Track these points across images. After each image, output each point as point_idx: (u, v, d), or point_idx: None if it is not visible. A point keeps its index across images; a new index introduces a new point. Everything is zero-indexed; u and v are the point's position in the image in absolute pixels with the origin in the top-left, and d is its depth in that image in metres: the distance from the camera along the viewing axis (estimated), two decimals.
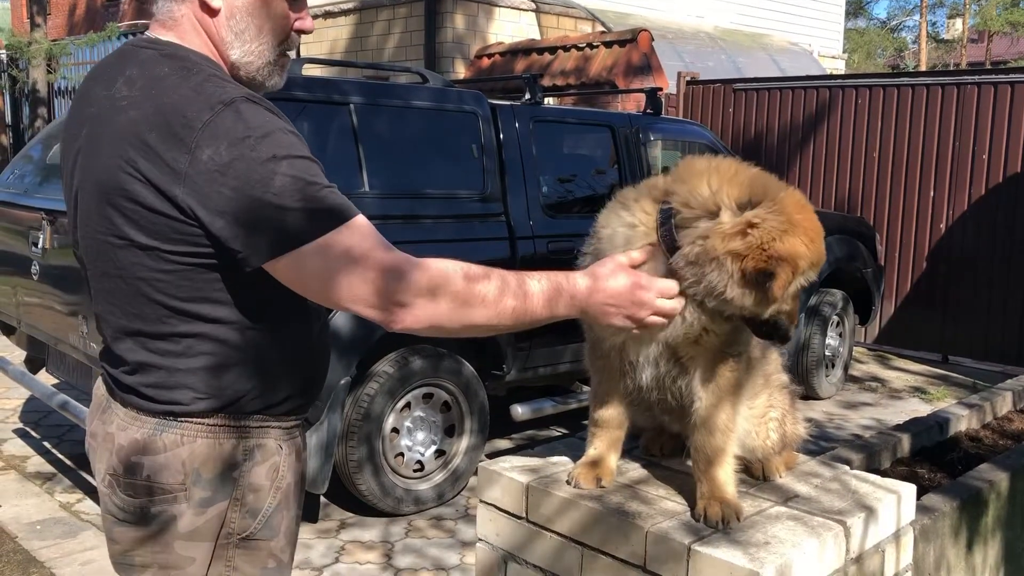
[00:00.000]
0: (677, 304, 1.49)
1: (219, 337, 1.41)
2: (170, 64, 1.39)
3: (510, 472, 1.84)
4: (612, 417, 1.75)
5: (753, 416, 1.78)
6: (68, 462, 4.73)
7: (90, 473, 4.56)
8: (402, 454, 4.13)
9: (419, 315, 1.34)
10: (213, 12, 1.43)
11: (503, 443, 5.15)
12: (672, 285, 1.48)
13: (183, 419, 1.42)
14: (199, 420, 1.43)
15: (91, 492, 4.35)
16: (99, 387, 1.59)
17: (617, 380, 1.71)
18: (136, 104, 1.35)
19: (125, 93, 1.37)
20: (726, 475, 1.67)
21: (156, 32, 1.47)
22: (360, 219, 1.34)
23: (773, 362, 1.89)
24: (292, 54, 1.54)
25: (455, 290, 1.34)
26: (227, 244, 1.31)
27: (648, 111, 5.52)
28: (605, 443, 1.77)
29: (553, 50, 9.81)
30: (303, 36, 1.55)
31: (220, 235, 1.30)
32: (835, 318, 6.38)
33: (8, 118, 15.30)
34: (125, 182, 1.34)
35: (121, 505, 1.46)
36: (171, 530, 1.43)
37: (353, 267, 1.29)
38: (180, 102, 1.32)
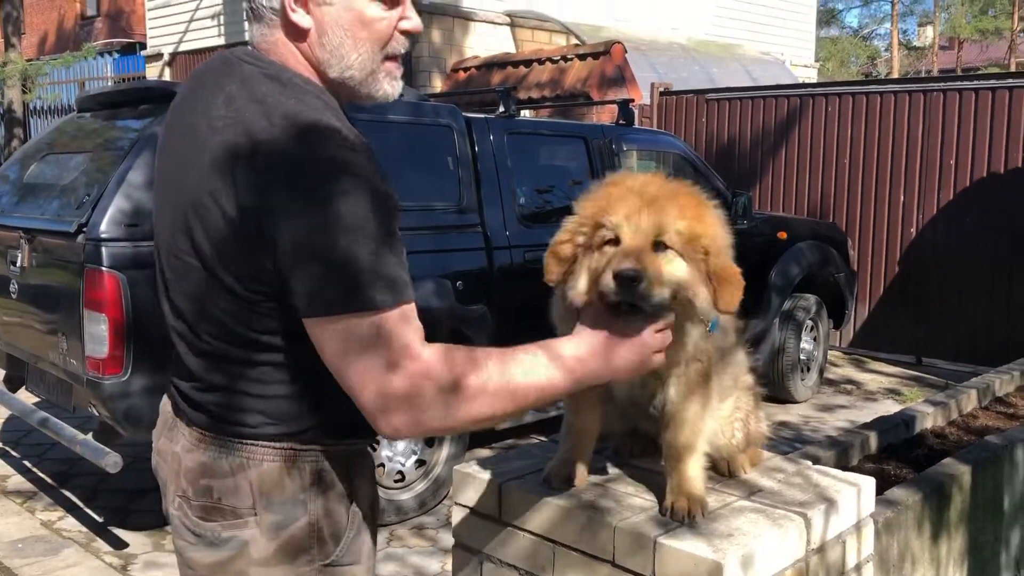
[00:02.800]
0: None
1: (296, 367, 1.37)
2: (270, 86, 1.34)
3: (484, 474, 1.89)
4: (585, 422, 1.80)
5: (721, 416, 1.84)
6: (49, 480, 4.73)
7: (70, 489, 4.57)
8: (383, 465, 4.17)
9: (411, 432, 1.30)
10: (303, 33, 1.38)
11: (484, 452, 5.19)
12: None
13: (249, 442, 1.39)
14: (265, 444, 1.39)
15: (72, 509, 4.36)
16: (165, 403, 1.56)
17: (592, 389, 1.76)
18: (231, 127, 1.31)
19: (223, 113, 1.33)
20: (695, 470, 1.72)
21: (260, 51, 1.42)
22: (400, 309, 1.26)
23: (740, 363, 1.96)
24: (402, 59, 1.46)
25: (449, 403, 1.29)
26: (286, 286, 1.28)
27: (621, 122, 5.60)
28: (577, 444, 1.82)
29: (528, 63, 9.91)
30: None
31: (282, 274, 1.27)
32: (809, 322, 6.48)
33: None
34: (208, 207, 1.30)
35: (193, 528, 1.43)
36: (245, 555, 1.40)
37: (368, 357, 1.24)
38: (273, 132, 1.28)
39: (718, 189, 5.97)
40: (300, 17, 1.37)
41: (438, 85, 10.66)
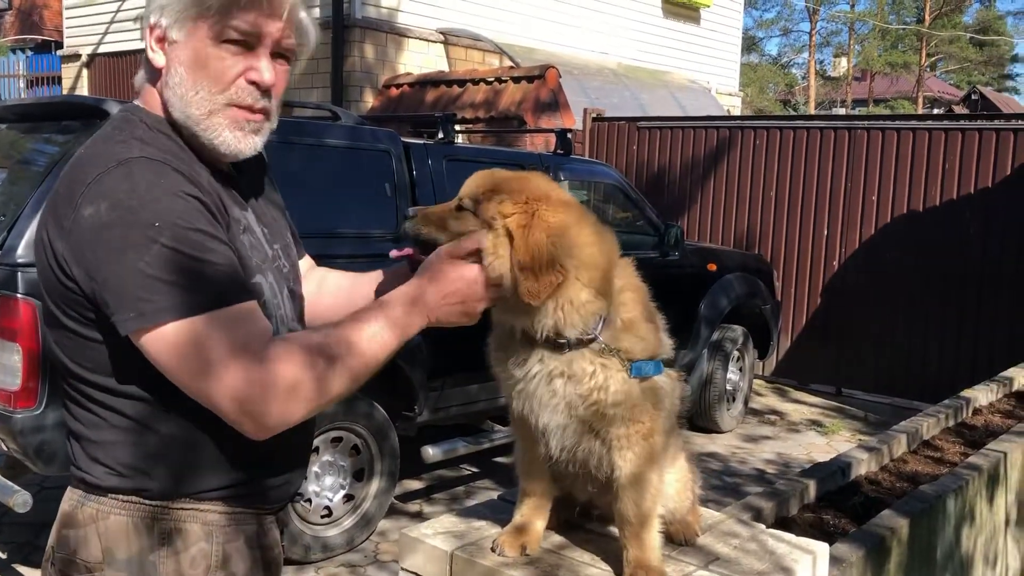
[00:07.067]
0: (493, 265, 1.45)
1: (131, 412, 1.35)
2: (115, 125, 1.39)
3: (433, 539, 1.82)
4: (538, 485, 1.75)
5: (676, 479, 1.80)
6: None
7: None
8: (309, 500, 4.04)
9: (274, 424, 1.27)
10: (158, 73, 1.40)
11: (414, 483, 5.09)
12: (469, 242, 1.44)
13: (98, 493, 1.37)
14: (112, 496, 1.37)
15: None
16: None
17: (538, 448, 1.71)
18: (66, 166, 1.37)
19: (72, 157, 1.39)
20: (651, 540, 1.68)
21: (137, 99, 1.47)
22: (233, 308, 1.26)
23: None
24: (263, 116, 1.42)
25: (309, 388, 1.27)
26: (100, 308, 1.27)
27: (558, 151, 5.60)
28: (532, 509, 1.76)
29: (462, 83, 9.87)
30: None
31: (93, 297, 1.27)
32: (736, 353, 6.57)
33: None
34: (38, 245, 1.34)
35: None
36: None
37: (210, 361, 1.22)
38: (85, 160, 1.32)
39: (651, 220, 6.02)
40: (155, 56, 1.39)
41: (370, 101, 10.53)
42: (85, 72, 14.02)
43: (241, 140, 1.40)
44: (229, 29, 1.35)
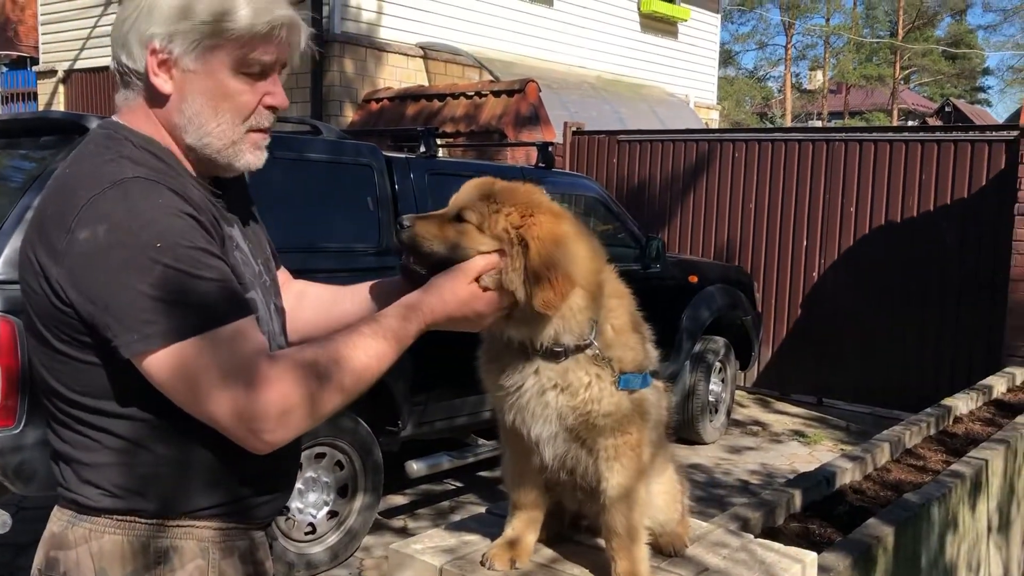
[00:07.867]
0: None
1: (126, 433, 1.33)
2: (98, 143, 1.36)
3: (423, 555, 1.81)
4: (529, 497, 1.74)
5: (665, 492, 1.80)
6: None
7: None
8: (293, 517, 4.00)
9: (277, 439, 1.28)
10: (163, 99, 1.38)
11: (398, 499, 5.06)
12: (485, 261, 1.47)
13: (91, 514, 1.36)
14: (107, 516, 1.35)
15: None
16: None
17: (528, 459, 1.70)
18: (50, 184, 1.35)
19: (56, 173, 1.37)
20: (640, 552, 1.68)
21: (118, 116, 1.43)
22: (234, 326, 1.26)
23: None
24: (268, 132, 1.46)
25: (308, 402, 1.28)
26: (100, 332, 1.26)
27: (540, 165, 5.61)
28: (523, 523, 1.75)
29: (443, 97, 9.89)
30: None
31: (91, 321, 1.25)
32: (718, 364, 6.59)
33: None
34: (25, 266, 1.32)
35: None
36: None
37: (212, 380, 1.23)
38: (77, 179, 1.29)
39: (633, 233, 6.04)
40: (161, 82, 1.37)
41: (350, 115, 10.52)
42: (61, 88, 13.92)
43: (258, 158, 1.45)
44: (251, 62, 1.37)
